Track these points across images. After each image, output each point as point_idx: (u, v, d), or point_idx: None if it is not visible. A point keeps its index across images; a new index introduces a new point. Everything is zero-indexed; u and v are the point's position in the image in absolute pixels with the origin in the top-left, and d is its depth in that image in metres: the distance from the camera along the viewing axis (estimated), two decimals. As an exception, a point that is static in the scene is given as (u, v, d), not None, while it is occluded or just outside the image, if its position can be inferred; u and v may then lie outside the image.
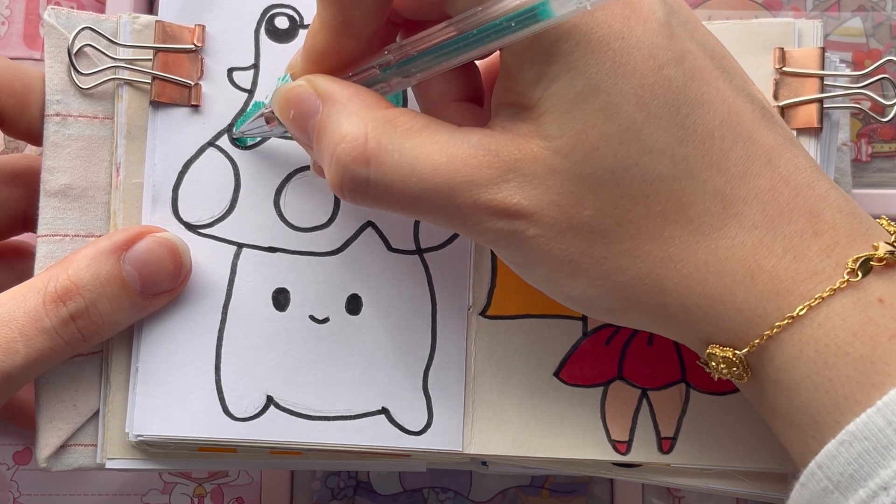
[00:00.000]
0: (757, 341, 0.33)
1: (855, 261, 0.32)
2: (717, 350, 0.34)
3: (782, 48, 0.41)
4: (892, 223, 0.35)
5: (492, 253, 0.41)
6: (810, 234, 0.33)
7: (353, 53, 0.35)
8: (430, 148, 0.33)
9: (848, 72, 0.41)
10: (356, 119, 0.33)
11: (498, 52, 0.35)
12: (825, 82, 0.40)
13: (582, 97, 0.31)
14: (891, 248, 0.33)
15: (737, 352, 0.33)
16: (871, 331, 0.32)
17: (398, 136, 0.33)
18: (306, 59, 0.35)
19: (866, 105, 0.41)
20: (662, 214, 0.33)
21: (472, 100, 0.37)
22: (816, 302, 0.32)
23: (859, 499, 0.30)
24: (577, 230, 0.33)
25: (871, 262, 0.32)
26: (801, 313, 0.32)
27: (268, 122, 0.39)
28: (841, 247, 0.33)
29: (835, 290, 0.32)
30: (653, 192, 0.32)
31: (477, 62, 0.37)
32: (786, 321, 0.32)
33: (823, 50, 0.40)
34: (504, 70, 0.34)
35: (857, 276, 0.32)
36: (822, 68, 0.40)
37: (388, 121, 0.33)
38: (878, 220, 0.35)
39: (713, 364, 0.34)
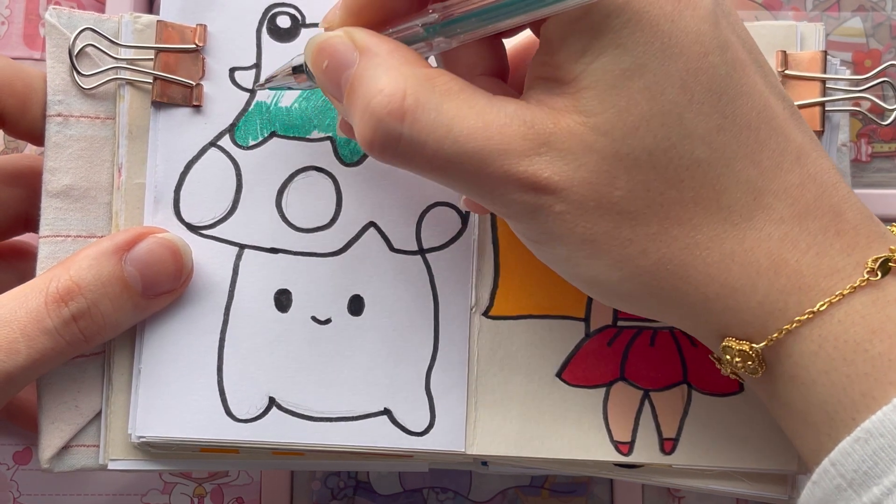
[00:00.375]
0: (776, 335, 0.33)
1: (875, 261, 0.33)
2: (734, 343, 0.34)
3: (784, 51, 0.41)
4: None
5: (494, 253, 0.41)
6: (833, 232, 0.33)
7: (396, 8, 0.34)
8: (466, 111, 0.32)
9: (849, 75, 0.41)
10: (395, 73, 0.32)
11: (527, 35, 0.34)
12: (826, 85, 0.40)
13: (627, 75, 0.31)
14: None
15: (754, 345, 0.33)
16: (891, 329, 0.32)
17: (436, 96, 0.32)
18: (346, 10, 0.35)
19: (866, 107, 0.41)
20: (694, 200, 0.33)
21: (496, 76, 0.36)
22: (837, 299, 0.32)
23: (873, 496, 0.30)
24: (605, 210, 0.32)
25: (891, 263, 0.33)
26: (821, 309, 0.32)
27: (295, 74, 0.37)
28: (861, 247, 0.33)
29: (855, 287, 0.32)
30: (688, 177, 0.32)
31: (505, 42, 0.37)
32: (806, 316, 0.32)
33: (825, 53, 0.40)
34: (545, 43, 0.33)
35: (877, 275, 0.32)
36: (825, 72, 0.40)
37: (427, 79, 0.32)
38: (889, 226, 0.35)
39: (727, 357, 0.34)
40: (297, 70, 0.37)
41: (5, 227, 0.45)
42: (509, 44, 0.38)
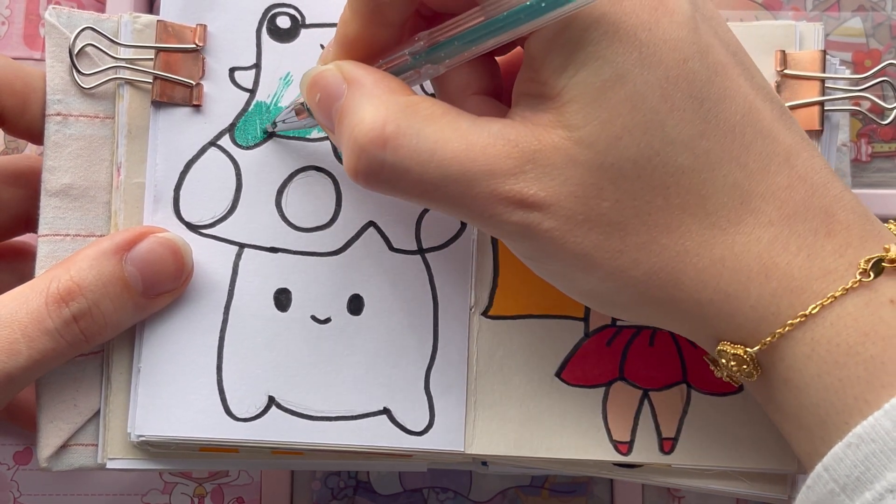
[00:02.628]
0: (769, 339, 0.33)
1: (867, 261, 0.32)
2: (728, 347, 0.34)
3: (783, 50, 0.41)
4: None
5: (494, 253, 0.41)
6: (824, 233, 0.33)
7: (384, 42, 0.35)
8: (449, 134, 0.32)
9: (849, 75, 0.41)
10: (377, 102, 0.33)
11: (519, 49, 0.35)
12: (826, 85, 0.40)
13: (608, 86, 0.32)
14: None
15: (748, 349, 0.33)
16: (883, 331, 0.32)
17: (418, 122, 0.32)
18: (337, 47, 0.36)
19: (866, 106, 0.41)
20: (681, 207, 0.33)
21: (491, 94, 0.37)
22: (829, 301, 0.32)
23: (865, 501, 0.30)
24: (594, 222, 0.33)
25: (883, 264, 0.32)
26: (813, 312, 0.32)
27: (298, 115, 0.39)
28: (854, 247, 0.33)
29: (847, 289, 0.32)
30: (673, 184, 0.32)
31: (497, 58, 0.37)
32: (798, 319, 0.32)
33: (825, 52, 0.40)
34: (528, 59, 0.33)
35: (870, 276, 0.32)
36: (824, 71, 0.40)
37: (408, 106, 0.33)
38: (886, 223, 0.35)
39: (723, 361, 0.34)
40: (301, 111, 0.39)
41: (5, 228, 0.45)
42: (504, 59, 0.38)
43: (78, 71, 0.40)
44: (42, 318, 0.37)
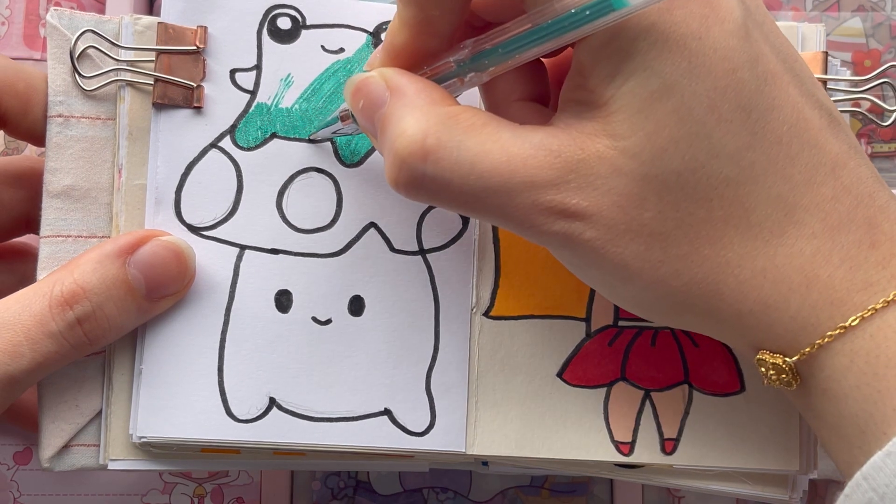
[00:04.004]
0: (808, 350, 0.33)
1: None
2: (768, 356, 0.34)
3: (785, 51, 0.41)
4: None
5: (496, 253, 0.41)
6: (868, 244, 0.33)
7: (432, 52, 0.35)
8: (490, 146, 0.32)
9: (848, 75, 0.41)
10: (419, 114, 0.33)
11: (570, 51, 0.34)
12: (827, 86, 0.40)
13: (656, 97, 0.31)
14: None
15: (787, 359, 0.33)
16: None
17: (458, 133, 0.32)
18: (385, 55, 0.35)
19: (865, 107, 0.41)
20: (724, 219, 0.32)
21: (537, 100, 0.37)
22: (869, 313, 0.32)
23: None
24: (636, 233, 0.32)
25: None
26: (853, 324, 0.32)
27: (342, 121, 0.39)
28: None
29: (888, 301, 0.32)
30: (716, 196, 0.32)
31: (545, 62, 0.37)
32: (838, 331, 0.32)
33: (826, 54, 0.41)
34: (576, 67, 0.33)
35: None
36: (826, 72, 0.40)
37: (449, 117, 0.32)
38: None
39: (762, 370, 0.34)
40: (345, 117, 0.39)
41: (6, 229, 0.45)
42: (553, 63, 0.38)
43: (79, 73, 0.40)
44: (45, 321, 0.37)
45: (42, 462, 0.40)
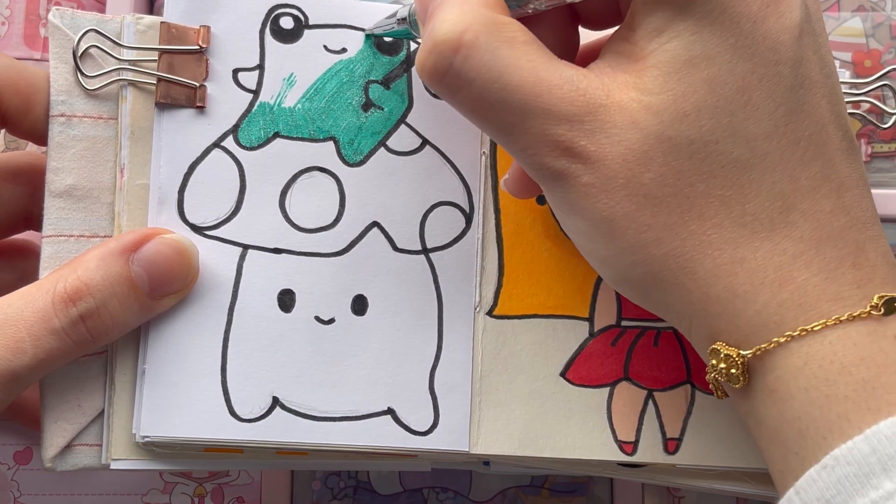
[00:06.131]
0: (765, 345, 0.33)
1: (881, 297, 0.32)
2: (722, 347, 0.34)
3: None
4: None
5: (499, 252, 0.41)
6: (850, 264, 0.33)
7: None
8: (523, 63, 0.32)
9: (849, 76, 0.41)
10: (468, 9, 0.32)
11: (600, 41, 0.35)
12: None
13: (694, 63, 0.32)
14: None
15: (741, 352, 0.33)
16: (881, 360, 0.31)
17: (498, 40, 0.32)
18: None
19: (865, 107, 0.41)
20: (721, 199, 0.33)
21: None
22: (833, 322, 0.32)
23: None
24: (631, 191, 0.33)
25: None
26: (815, 328, 0.32)
27: (399, 23, 0.39)
28: (874, 284, 0.33)
29: (854, 316, 0.32)
30: (721, 175, 0.32)
31: (583, 47, 0.38)
32: (798, 332, 0.32)
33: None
34: (630, 18, 0.34)
35: (880, 311, 0.32)
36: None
37: (495, 23, 0.32)
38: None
39: (713, 362, 0.34)
40: (403, 20, 0.39)
41: (6, 225, 0.45)
42: (587, 47, 0.38)
43: (82, 73, 0.40)
44: (48, 318, 0.37)
45: (44, 462, 0.40)
